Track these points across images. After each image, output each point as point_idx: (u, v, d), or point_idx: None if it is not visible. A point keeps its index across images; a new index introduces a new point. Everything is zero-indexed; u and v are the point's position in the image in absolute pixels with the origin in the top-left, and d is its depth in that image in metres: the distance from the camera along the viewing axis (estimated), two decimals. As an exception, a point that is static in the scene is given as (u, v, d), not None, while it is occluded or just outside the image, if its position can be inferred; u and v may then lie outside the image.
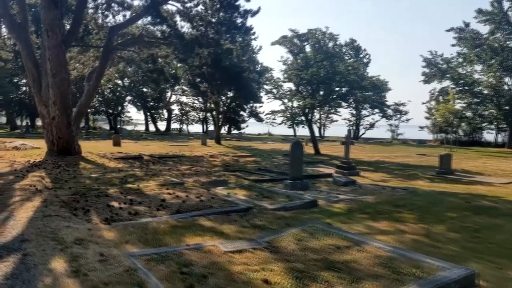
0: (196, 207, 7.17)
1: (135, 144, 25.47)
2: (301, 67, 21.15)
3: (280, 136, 51.68)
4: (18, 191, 7.91)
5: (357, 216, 7.44)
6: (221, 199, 7.96)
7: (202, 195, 8.19)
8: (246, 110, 26.69)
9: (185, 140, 33.58)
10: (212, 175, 12.39)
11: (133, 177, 10.70)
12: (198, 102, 57.57)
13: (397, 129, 45.56)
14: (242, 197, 8.59)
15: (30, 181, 9.14)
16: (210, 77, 18.22)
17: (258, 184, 10.62)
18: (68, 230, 5.37)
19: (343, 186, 11.14)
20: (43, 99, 15.12)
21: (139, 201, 7.44)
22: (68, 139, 15.06)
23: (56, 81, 14.20)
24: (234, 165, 15.82)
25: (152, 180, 10.26)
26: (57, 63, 14.12)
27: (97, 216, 6.34)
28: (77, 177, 10.45)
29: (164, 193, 8.32)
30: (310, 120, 21.83)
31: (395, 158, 22.30)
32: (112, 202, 7.31)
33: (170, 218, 6.39)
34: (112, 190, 8.54)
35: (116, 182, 9.90)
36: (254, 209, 7.36)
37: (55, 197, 7.49)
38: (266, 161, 17.55)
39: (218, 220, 6.56)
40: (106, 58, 16.72)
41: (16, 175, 9.86)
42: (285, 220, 6.77)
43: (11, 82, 40.61)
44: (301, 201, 8.22)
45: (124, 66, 29.36)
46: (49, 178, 10.00)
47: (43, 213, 6.22)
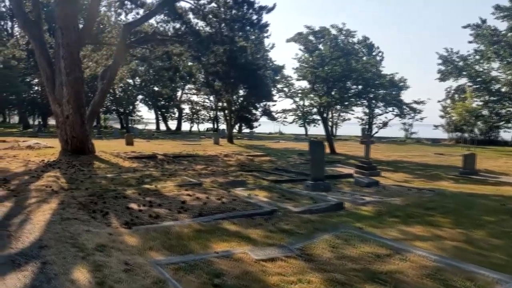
0: (219, 210, 6.84)
1: (147, 143, 25.28)
2: (317, 65, 20.75)
3: (291, 135, 51.25)
4: (34, 192, 7.65)
5: (387, 219, 7.05)
6: (243, 201, 7.62)
7: (223, 196, 7.86)
8: (258, 109, 26.26)
9: (197, 139, 33.35)
10: (229, 175, 12.06)
11: (149, 177, 10.41)
12: (209, 101, 57.59)
13: (410, 128, 44.89)
14: (264, 198, 8.25)
15: (45, 181, 8.89)
16: (225, 75, 17.87)
17: (277, 185, 10.27)
18: (88, 235, 5.08)
19: (366, 187, 10.74)
20: (56, 98, 14.93)
21: (158, 203, 7.13)
22: (82, 138, 14.86)
23: (70, 79, 13.99)
24: (249, 164, 15.49)
25: (170, 180, 9.96)
26: (71, 61, 13.91)
27: (117, 219, 6.04)
28: (92, 177, 10.19)
29: (183, 195, 8.01)
30: (325, 119, 21.40)
31: (412, 157, 21.78)
32: (131, 204, 7.02)
33: (193, 222, 6.08)
34: (129, 191, 8.26)
35: (133, 182, 9.62)
36: (278, 212, 7.02)
37: (72, 199, 7.22)
38: (281, 161, 17.18)
39: (242, 223, 6.23)
40: (120, 56, 16.48)
41: (31, 175, 9.63)
42: (312, 224, 6.41)
43: (23, 81, 40.76)
44: (326, 203, 7.84)
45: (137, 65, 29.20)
46: (64, 178, 9.76)
47: (61, 216, 5.94)
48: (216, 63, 16.61)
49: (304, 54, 25.62)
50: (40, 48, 14.90)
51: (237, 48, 16.25)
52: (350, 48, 23.92)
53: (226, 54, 16.15)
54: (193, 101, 57.35)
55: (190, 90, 55.34)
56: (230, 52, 16.17)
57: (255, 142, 31.75)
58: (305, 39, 23.94)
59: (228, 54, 16.22)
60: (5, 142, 19.59)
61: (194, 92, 55.73)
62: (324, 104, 19.97)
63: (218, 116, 57.29)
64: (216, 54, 16.18)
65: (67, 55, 13.78)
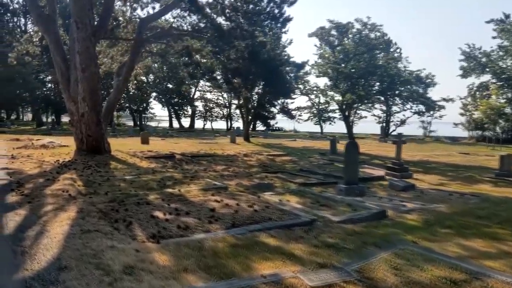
0: (253, 219, 6.16)
1: (163, 141, 24.73)
2: (340, 61, 19.92)
3: (305, 133, 50.40)
4: (49, 198, 7.06)
5: (439, 231, 6.32)
6: (277, 209, 6.94)
7: (254, 203, 7.18)
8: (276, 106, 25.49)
9: (211, 137, 32.74)
10: (253, 177, 11.38)
11: (171, 180, 9.78)
12: (223, 98, 56.99)
13: (429, 126, 43.70)
14: (297, 205, 7.56)
15: (61, 185, 8.31)
16: (245, 71, 17.15)
17: (307, 189, 9.56)
18: (113, 252, 4.43)
19: (402, 191, 9.98)
20: (71, 95, 14.40)
21: (185, 211, 6.48)
22: (97, 137, 14.31)
23: (86, 75, 13.43)
24: (271, 165, 14.80)
25: (193, 183, 9.32)
26: (86, 56, 13.34)
27: (142, 231, 5.40)
28: (110, 180, 9.60)
29: (211, 201, 7.35)
30: (348, 117, 20.58)
31: (438, 157, 20.87)
32: (156, 212, 6.38)
33: (227, 234, 5.41)
34: (152, 196, 7.63)
35: (154, 185, 9.00)
36: (318, 222, 6.33)
37: (91, 205, 6.60)
38: (303, 161, 16.46)
39: (281, 236, 5.55)
40: (136, 51, 15.89)
41: (46, 178, 9.06)
42: (359, 237, 5.71)
43: (37, 78, 40.58)
44: (368, 211, 7.12)
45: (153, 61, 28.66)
46: (81, 181, 9.17)
47: (81, 227, 5.32)
48: (237, 58, 15.90)
49: (326, 50, 24.74)
50: (55, 43, 14.38)
51: (257, 43, 15.55)
52: (376, 43, 22.99)
53: (248, 49, 15.43)
54: (207, 99, 56.84)
55: (204, 87, 54.80)
56: (252, 47, 15.46)
57: (271, 140, 31.03)
58: (327, 33, 23.08)
59: (250, 48, 15.49)
60: (19, 140, 19.18)
61: (208, 90, 55.18)
62: (348, 102, 19.13)
63: (231, 114, 56.64)
64: (238, 49, 15.49)
65: (82, 50, 13.21)
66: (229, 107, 56.80)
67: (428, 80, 22.89)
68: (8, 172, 9.86)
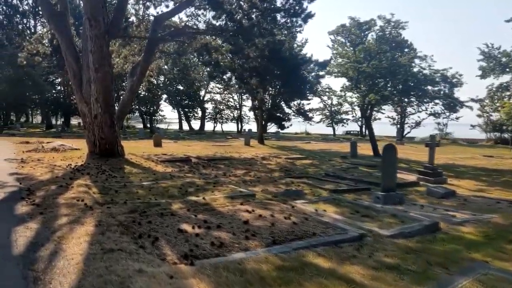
0: (294, 234, 5.41)
1: (175, 144, 24.06)
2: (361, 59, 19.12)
3: (317, 135, 49.57)
4: (63, 208, 6.36)
5: (506, 247, 5.52)
6: (317, 221, 6.18)
7: (290, 214, 6.43)
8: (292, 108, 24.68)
9: (224, 140, 32.06)
10: (278, 182, 10.62)
11: (192, 186, 9.07)
12: (233, 100, 56.30)
13: (445, 127, 42.62)
14: (336, 215, 6.80)
15: (76, 192, 7.62)
16: (264, 70, 16.39)
17: (340, 196, 8.79)
18: (142, 278, 3.70)
19: (442, 198, 9.17)
20: (84, 96, 13.78)
21: (216, 224, 5.75)
22: (111, 140, 13.68)
23: (99, 75, 12.80)
24: (293, 169, 14.03)
25: (217, 190, 8.59)
26: (100, 55, 12.71)
27: (171, 249, 4.68)
28: (127, 186, 8.90)
29: (241, 211, 6.61)
30: (369, 118, 19.75)
31: (462, 160, 19.97)
32: (183, 225, 5.65)
33: (269, 253, 4.67)
34: (175, 205, 6.91)
35: (175, 193, 8.29)
36: (367, 237, 5.55)
37: (110, 217, 5.89)
38: (325, 165, 15.67)
39: (330, 255, 4.80)
40: (150, 50, 15.24)
41: (58, 184, 8.38)
42: (419, 256, 4.94)
43: (46, 80, 40.19)
44: (418, 224, 6.32)
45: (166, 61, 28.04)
46: (96, 187, 8.49)
47: (101, 245, 4.60)
48: (256, 57, 15.15)
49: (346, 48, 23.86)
50: (67, 42, 13.77)
51: (277, 41, 14.82)
52: (400, 40, 22.13)
53: (268, 46, 14.68)
54: (217, 100, 56.17)
55: (214, 89, 54.16)
56: (274, 44, 14.71)
57: (285, 142, 30.26)
58: (348, 31, 22.24)
59: (271, 46, 14.74)
60: (29, 143, 18.61)
61: (218, 91, 54.54)
62: (372, 102, 18.32)
63: (242, 116, 55.91)
64: (258, 47, 14.75)
65: (96, 49, 12.58)
66: (240, 109, 56.09)
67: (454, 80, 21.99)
68: (18, 177, 9.22)
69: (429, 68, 21.06)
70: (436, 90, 21.01)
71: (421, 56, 22.37)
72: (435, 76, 20.13)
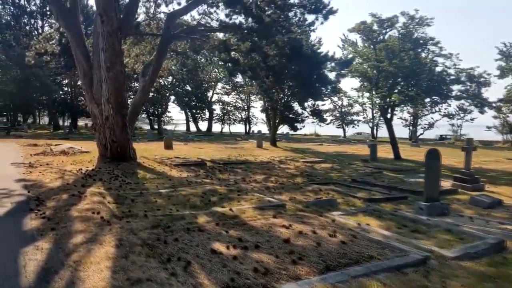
0: (347, 257, 4.63)
1: (186, 146, 23.34)
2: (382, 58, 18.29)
3: (327, 136, 48.73)
4: (78, 223, 5.63)
5: None
6: (367, 239, 5.41)
7: (335, 231, 5.65)
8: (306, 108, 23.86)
9: (234, 142, 31.32)
10: (304, 190, 9.84)
11: (215, 194, 8.31)
12: (241, 101, 55.61)
13: (459, 129, 41.64)
14: (383, 230, 6.02)
15: (90, 202, 6.89)
16: (281, 69, 15.59)
17: (378, 206, 8.01)
18: (183, 324, 2.94)
19: (489, 208, 8.35)
20: (94, 97, 13.09)
21: (253, 242, 4.99)
22: (123, 142, 12.98)
23: (111, 75, 12.10)
24: (314, 174, 13.24)
25: (243, 200, 7.83)
26: (112, 53, 12.00)
27: (208, 277, 3.93)
28: (144, 194, 8.17)
29: (276, 225, 5.85)
30: (389, 120, 18.89)
31: (488, 164, 19.07)
32: (215, 244, 4.90)
33: (325, 283, 3.96)
34: (201, 218, 6.16)
35: (197, 202, 7.54)
36: (431, 260, 4.77)
37: (131, 234, 5.15)
38: (348, 169, 14.86)
39: (396, 284, 4.03)
40: (163, 49, 14.53)
41: (70, 193, 7.66)
42: (499, 284, 4.16)
43: (54, 81, 39.67)
44: (482, 242, 5.53)
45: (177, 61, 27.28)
46: (111, 196, 7.76)
47: (126, 273, 3.85)
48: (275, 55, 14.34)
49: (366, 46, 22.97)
50: (77, 40, 13.09)
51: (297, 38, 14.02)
52: (426, 38, 21.17)
53: (289, 44, 13.86)
54: (224, 102, 55.53)
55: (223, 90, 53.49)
56: (294, 42, 13.90)
57: (297, 145, 29.46)
58: (369, 29, 21.33)
59: (293, 43, 13.93)
60: (37, 146, 17.97)
61: (226, 92, 53.87)
62: (396, 103, 17.49)
63: (250, 117, 55.23)
64: (277, 45, 13.94)
65: (107, 46, 11.88)
66: (248, 110, 55.42)
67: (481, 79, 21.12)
68: (25, 184, 8.52)
69: (454, 67, 20.17)
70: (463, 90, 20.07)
71: (446, 55, 21.52)
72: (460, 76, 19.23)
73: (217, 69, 52.77)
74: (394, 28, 21.48)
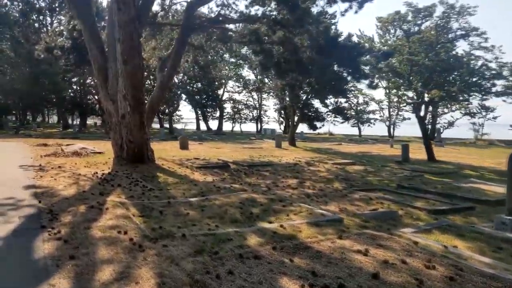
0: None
1: (202, 146, 22.19)
2: (416, 52, 16.97)
3: (341, 135, 47.40)
4: (102, 247, 4.48)
5: None
6: (478, 272, 4.21)
7: (429, 260, 4.44)
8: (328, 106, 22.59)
9: (249, 141, 30.14)
10: (350, 198, 8.62)
11: (254, 204, 7.15)
12: (252, 99, 54.45)
13: (481, 128, 40.02)
14: (478, 256, 4.86)
15: (113, 217, 5.76)
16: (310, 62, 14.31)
17: (448, 220, 6.78)
18: None
19: None
20: (109, 93, 11.99)
21: (331, 278, 3.82)
22: (140, 143, 11.87)
23: (128, 68, 10.98)
24: (350, 177, 12.02)
25: (291, 212, 6.66)
26: (129, 45, 10.88)
27: None
28: (172, 204, 7.03)
29: (348, 250, 4.69)
30: (422, 118, 17.57)
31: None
32: (283, 280, 3.75)
33: None
34: (251, 239, 5.02)
35: (237, 215, 6.38)
36: None
37: (172, 265, 4.00)
38: (383, 172, 13.62)
39: None
40: (183, 41, 13.40)
41: (88, 204, 6.53)
42: None
43: (64, 78, 38.74)
44: None
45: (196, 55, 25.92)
46: (135, 206, 6.63)
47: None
48: (307, 47, 13.09)
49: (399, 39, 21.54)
50: (90, 31, 12.00)
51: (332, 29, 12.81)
52: (468, 28, 19.67)
53: (325, 34, 12.58)
54: (235, 100, 54.40)
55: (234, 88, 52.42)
56: (328, 32, 12.62)
57: (315, 144, 28.20)
58: (403, 19, 19.89)
59: (327, 34, 12.65)
60: (47, 146, 16.92)
61: (237, 90, 52.76)
62: (434, 99, 16.19)
63: (262, 115, 54.03)
64: (310, 36, 12.70)
65: (125, 37, 10.76)
66: (259, 109, 54.22)
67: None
68: (36, 192, 7.41)
69: (496, 61, 18.74)
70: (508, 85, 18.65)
71: (487, 47, 20.03)
72: (504, 70, 17.84)
73: (227, 66, 51.64)
74: (431, 18, 20.02)
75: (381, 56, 13.53)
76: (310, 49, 12.84)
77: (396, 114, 44.72)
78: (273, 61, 12.68)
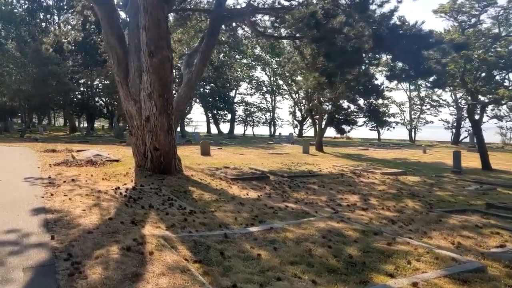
0: None
1: (223, 151, 20.32)
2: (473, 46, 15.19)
3: (360, 140, 45.50)
4: None
5: None
6: None
7: None
8: (363, 108, 20.67)
9: (267, 145, 28.27)
10: (448, 225, 6.69)
11: (344, 240, 5.25)
12: (265, 101, 52.71)
13: (509, 132, 37.97)
14: None
15: (165, 271, 3.89)
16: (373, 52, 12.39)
17: None
18: None
19: None
20: (131, 91, 10.17)
21: None
22: (167, 150, 10.07)
23: (155, 62, 9.19)
24: (416, 192, 10.11)
25: (406, 254, 4.74)
26: (156, 33, 9.10)
27: None
28: (230, 238, 5.19)
29: None
30: (477, 122, 15.70)
31: None
32: None
33: None
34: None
35: (330, 259, 4.51)
36: None
37: None
38: (447, 184, 11.69)
39: None
40: (214, 32, 11.59)
41: (120, 241, 4.67)
42: None
43: (72, 79, 37.08)
44: None
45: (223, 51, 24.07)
46: (184, 244, 4.78)
47: None
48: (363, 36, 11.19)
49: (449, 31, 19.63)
50: (108, 18, 10.19)
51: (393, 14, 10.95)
52: None
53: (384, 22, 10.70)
54: (248, 102, 52.68)
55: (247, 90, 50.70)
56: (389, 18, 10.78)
57: (339, 149, 26.27)
58: (459, 10, 17.93)
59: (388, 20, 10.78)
60: (56, 152, 15.13)
61: (249, 93, 51.04)
62: (504, 100, 14.32)
63: (275, 118, 52.21)
64: (371, 23, 10.79)
65: (150, 24, 8.97)
66: (273, 112, 52.41)
67: None
68: (46, 220, 5.56)
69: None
70: None
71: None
72: None
73: (240, 68, 49.86)
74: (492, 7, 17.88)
75: (453, 48, 11.67)
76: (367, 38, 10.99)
77: (417, 117, 42.73)
78: (335, 50, 10.75)
